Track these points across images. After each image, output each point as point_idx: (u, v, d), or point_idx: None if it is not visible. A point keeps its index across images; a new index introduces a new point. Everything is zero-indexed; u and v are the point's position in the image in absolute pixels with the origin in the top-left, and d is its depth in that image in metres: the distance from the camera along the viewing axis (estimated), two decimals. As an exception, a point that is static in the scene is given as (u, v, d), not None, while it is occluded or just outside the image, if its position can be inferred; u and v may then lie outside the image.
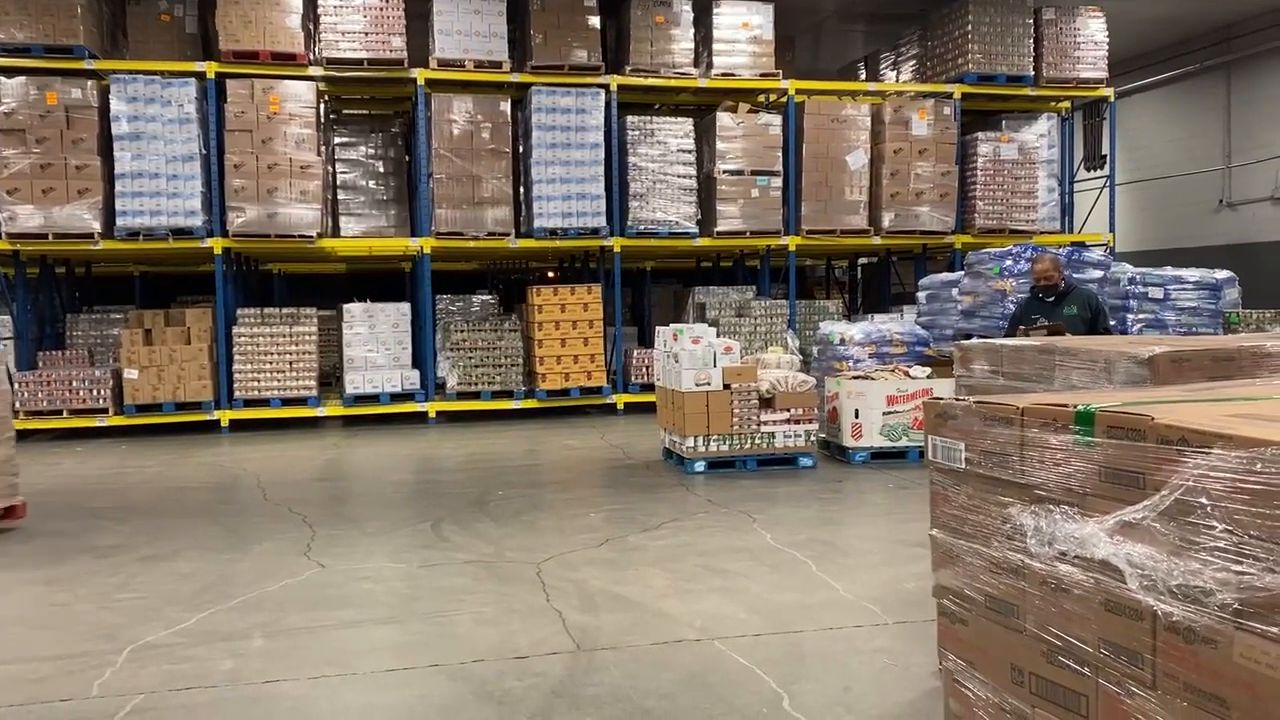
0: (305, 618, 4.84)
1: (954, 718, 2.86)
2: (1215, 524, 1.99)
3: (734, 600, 4.98)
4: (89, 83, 11.47)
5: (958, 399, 2.85)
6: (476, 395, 12.46)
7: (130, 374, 11.47)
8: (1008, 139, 14.14)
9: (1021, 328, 6.96)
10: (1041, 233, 14.16)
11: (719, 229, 12.97)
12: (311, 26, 12.39)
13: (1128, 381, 3.73)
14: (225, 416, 11.77)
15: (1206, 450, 2.03)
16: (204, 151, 11.62)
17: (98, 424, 11.42)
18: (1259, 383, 3.27)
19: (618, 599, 5.05)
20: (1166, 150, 18.54)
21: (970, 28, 13.81)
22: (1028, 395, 3.08)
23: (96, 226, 11.32)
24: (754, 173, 13.05)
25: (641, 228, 12.84)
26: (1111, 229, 14.99)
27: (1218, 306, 9.57)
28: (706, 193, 13.13)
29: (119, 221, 11.34)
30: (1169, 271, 9.95)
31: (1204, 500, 2.02)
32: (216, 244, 11.73)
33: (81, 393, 11.44)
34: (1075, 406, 2.41)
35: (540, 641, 4.43)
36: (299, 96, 11.85)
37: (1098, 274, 9.64)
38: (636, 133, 12.87)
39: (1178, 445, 2.10)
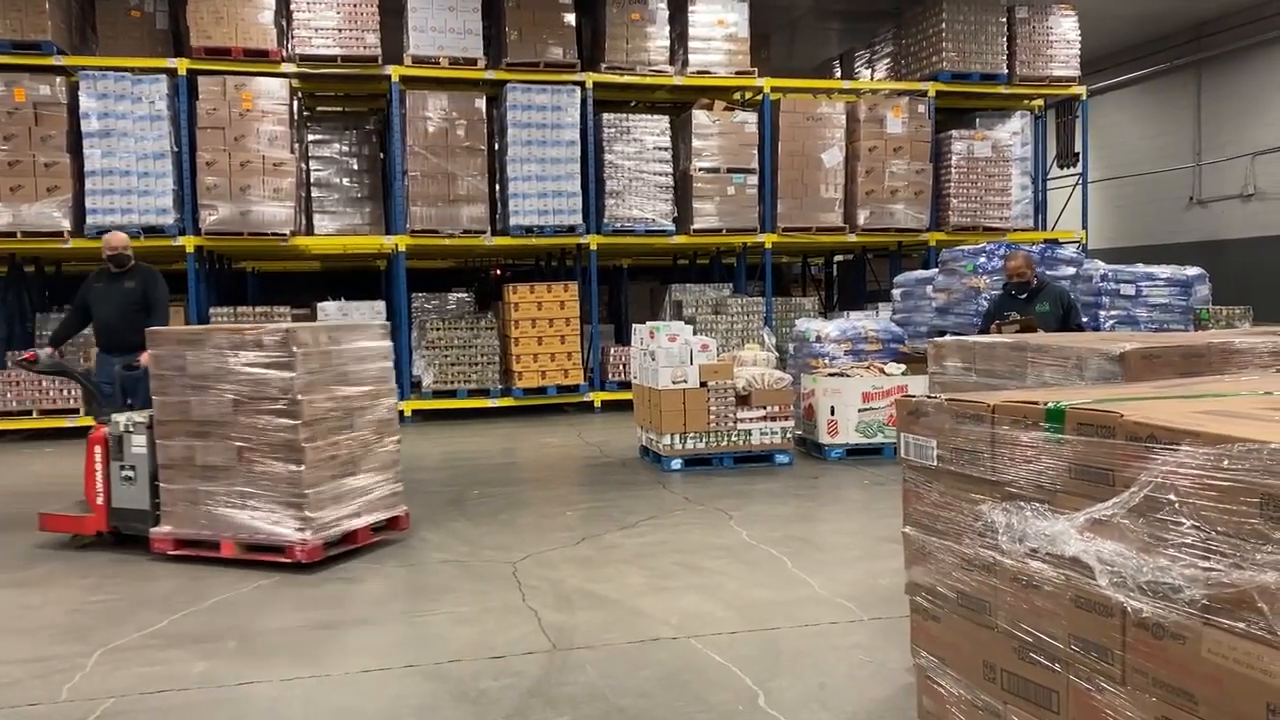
0: (279, 619, 4.81)
1: (927, 715, 2.87)
2: (1183, 520, 2.01)
3: (710, 598, 4.99)
4: (58, 79, 11.33)
5: (930, 396, 2.86)
6: (453, 394, 12.41)
7: (101, 374, 11.34)
8: (981, 137, 14.22)
9: (996, 324, 7.01)
10: (1015, 230, 14.25)
11: (695, 226, 12.98)
12: (284, 23, 12.28)
13: (1099, 378, 3.75)
14: (198, 416, 11.66)
15: (1175, 447, 2.05)
16: (175, 149, 11.51)
17: (68, 424, 11.29)
18: (1227, 379, 3.30)
19: (594, 597, 5.04)
20: (1138, 148, 18.71)
21: (944, 26, 13.87)
22: (999, 392, 3.10)
23: (66, 225, 11.19)
24: (730, 170, 13.06)
25: (618, 225, 12.83)
26: (1084, 226, 15.11)
27: (1188, 303, 9.65)
28: (683, 190, 13.14)
29: (89, 219, 11.21)
30: (1140, 268, 10.03)
31: (1172, 497, 2.04)
32: (188, 242, 11.62)
33: (51, 393, 11.31)
34: (1045, 404, 2.42)
35: (516, 641, 4.42)
36: (272, 93, 11.76)
37: (1070, 271, 9.70)
38: (613, 130, 12.85)
39: (1146, 442, 2.12)
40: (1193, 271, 9.83)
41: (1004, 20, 14.20)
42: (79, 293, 7.62)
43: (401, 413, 12.24)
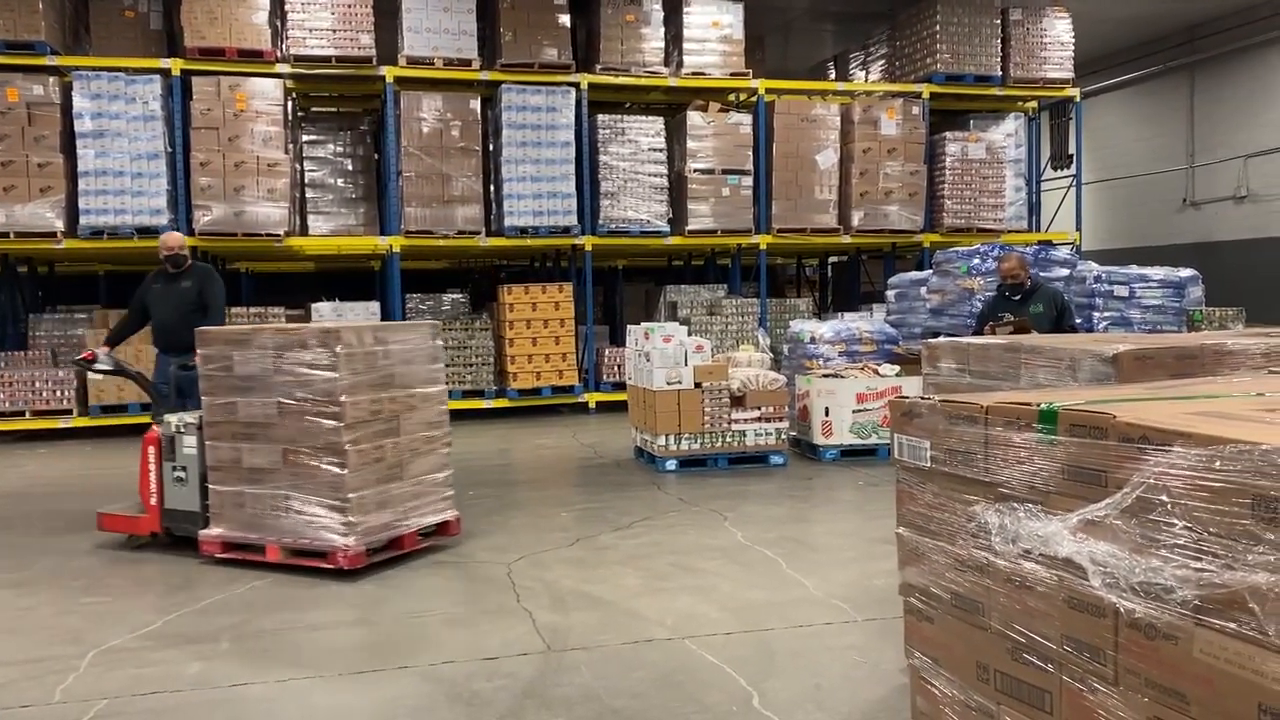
0: (273, 619, 4.80)
1: (921, 715, 2.87)
2: (1175, 521, 2.02)
3: (705, 599, 4.99)
4: (51, 79, 11.31)
5: (924, 397, 2.87)
6: (447, 395, 12.37)
7: (95, 374, 11.30)
8: (975, 138, 14.25)
9: (990, 325, 7.03)
10: (1009, 231, 14.29)
11: (690, 228, 12.98)
12: (279, 23, 12.28)
13: (1092, 379, 3.76)
14: (192, 417, 11.63)
15: (1167, 448, 2.05)
16: (169, 149, 11.49)
17: (61, 425, 11.27)
18: (1220, 380, 3.31)
19: (588, 599, 5.04)
20: (1132, 150, 18.76)
21: (938, 28, 13.90)
22: (993, 393, 3.11)
23: (59, 225, 11.17)
24: (725, 171, 13.07)
25: (613, 226, 12.84)
26: (1078, 228, 15.15)
27: (1182, 305, 9.68)
28: (678, 191, 13.14)
29: (82, 220, 11.19)
30: (1134, 270, 10.06)
31: (1164, 498, 2.04)
32: (183, 243, 11.59)
33: (44, 394, 11.29)
34: (1039, 405, 2.43)
35: (511, 642, 4.42)
36: (266, 94, 11.74)
37: (1064, 272, 9.73)
38: (607, 131, 12.86)
39: (1139, 443, 2.12)
40: (1186, 273, 9.86)
41: (998, 22, 14.24)
42: (137, 293, 7.57)
43: (396, 414, 12.26)
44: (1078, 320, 8.20)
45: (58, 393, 11.31)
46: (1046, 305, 7.23)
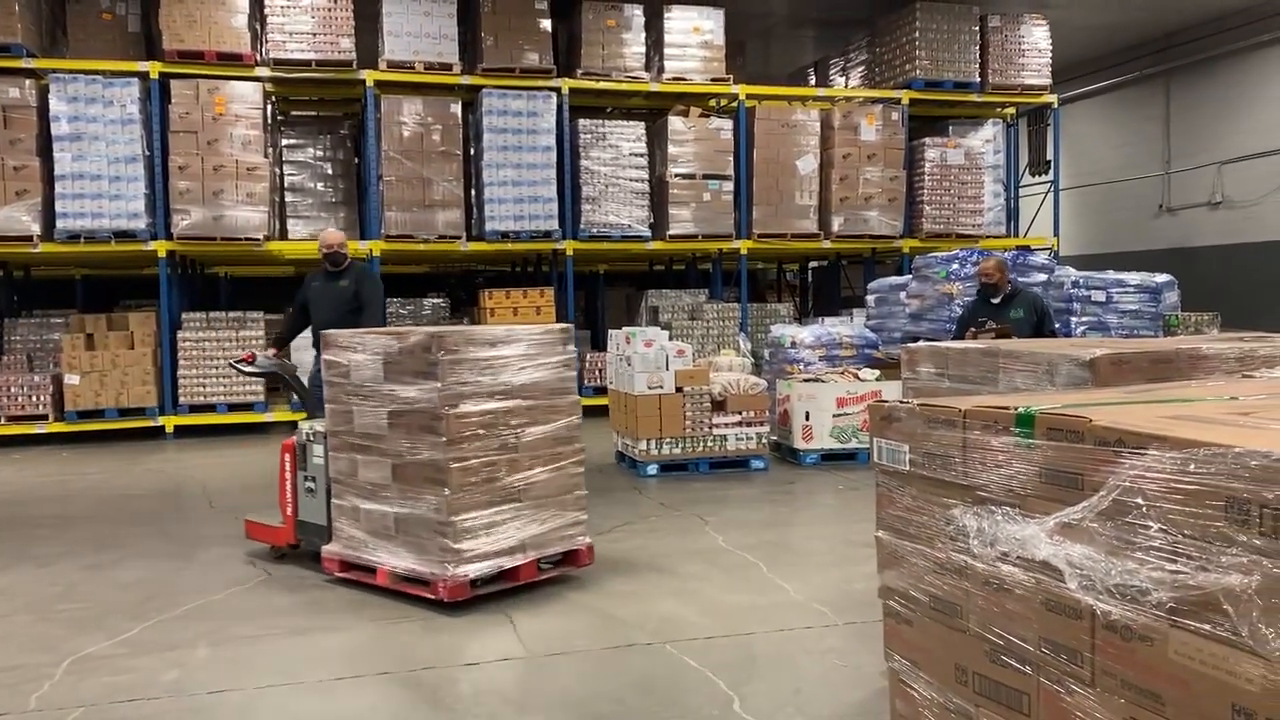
0: (252, 626, 4.77)
1: (900, 718, 2.89)
2: (1151, 524, 2.04)
3: (685, 603, 5.00)
4: (27, 82, 11.21)
5: (903, 401, 2.88)
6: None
7: (71, 379, 11.22)
8: (954, 144, 14.33)
9: (971, 330, 7.07)
10: (987, 237, 14.37)
11: (671, 232, 13.00)
12: (258, 27, 12.22)
13: (1070, 383, 3.79)
14: (170, 422, 11.56)
15: (1142, 451, 2.07)
16: (147, 153, 11.41)
17: (37, 431, 11.15)
18: (1194, 384, 3.35)
19: (569, 603, 5.03)
20: (1109, 156, 18.91)
21: (918, 34, 13.98)
22: (971, 397, 3.13)
23: (36, 229, 11.06)
24: (706, 176, 13.09)
25: (594, 231, 12.84)
26: (1056, 233, 15.26)
27: (1158, 309, 9.78)
28: (659, 196, 13.16)
29: (59, 224, 11.09)
30: (1111, 275, 10.15)
31: (1140, 500, 2.06)
32: (160, 247, 11.52)
33: (20, 399, 11.17)
34: (1016, 408, 2.44)
35: (491, 648, 4.41)
36: (245, 97, 11.68)
37: (1042, 277, 9.81)
38: (589, 136, 12.86)
39: (1115, 446, 2.14)
40: (1162, 278, 9.96)
41: (976, 29, 14.33)
42: (299, 293, 7.39)
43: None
44: (1056, 325, 8.26)
45: (34, 398, 11.20)
46: (1026, 310, 7.26)
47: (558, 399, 5.32)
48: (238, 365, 6.89)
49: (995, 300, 7.36)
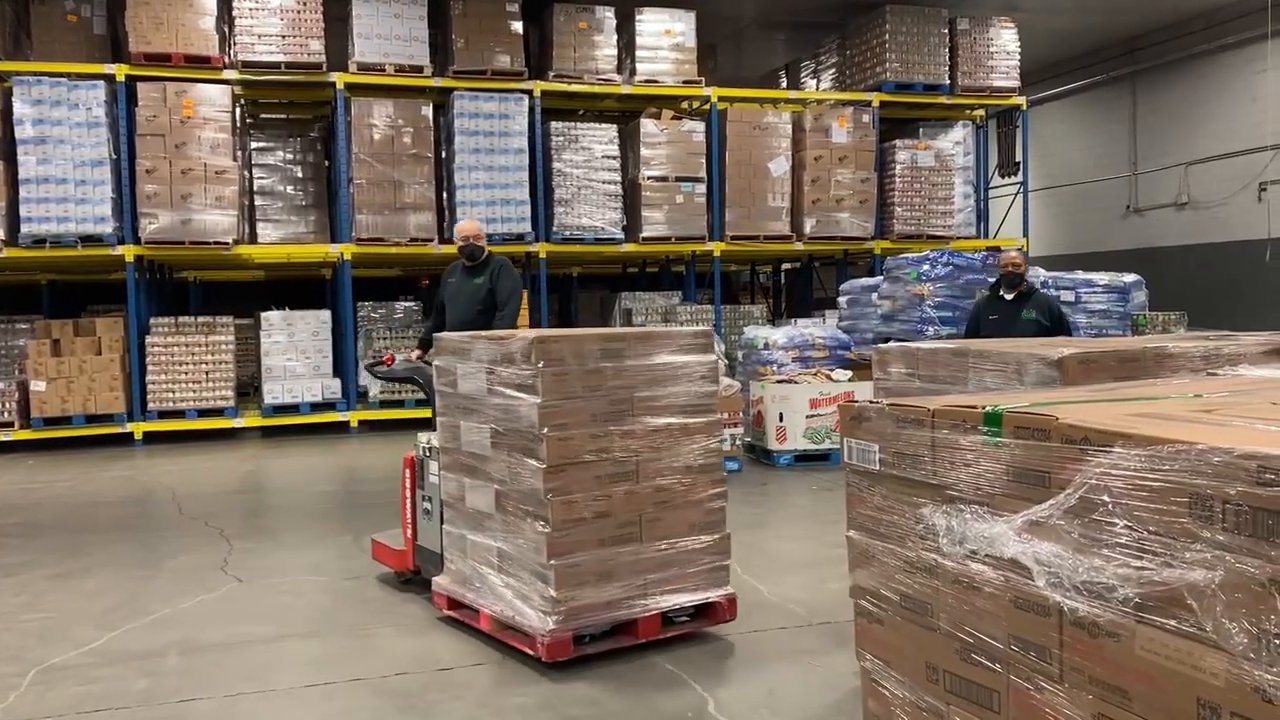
0: (222, 634, 4.72)
1: (873, 717, 2.90)
2: (1116, 521, 2.05)
3: (659, 605, 4.98)
4: (-9, 85, 11.08)
5: (873, 402, 2.89)
6: (400, 403, 12.29)
7: (37, 386, 11.07)
8: (925, 146, 14.43)
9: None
10: (958, 238, 14.48)
11: (644, 234, 13.00)
12: (226, 29, 12.11)
13: (1038, 383, 3.82)
14: (139, 429, 11.43)
15: (1108, 449, 2.09)
16: (114, 156, 11.29)
17: (3, 438, 10.99)
18: (1160, 383, 3.38)
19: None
20: (1077, 158, 19.11)
21: (888, 37, 14.07)
22: (940, 397, 3.14)
23: (0, 233, 10.92)
24: (678, 179, 13.11)
25: (567, 233, 12.82)
26: (1025, 234, 15.40)
27: (1126, 309, 9.88)
28: (631, 198, 13.16)
29: (24, 228, 10.94)
30: (1080, 275, 10.25)
31: (1106, 498, 2.08)
32: (128, 251, 11.39)
33: (-11, 406, 11.02)
34: (984, 408, 2.46)
35: (464, 653, 4.38)
36: (214, 100, 11.58)
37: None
38: (561, 139, 12.85)
39: (1081, 444, 2.16)
40: (1130, 278, 10.07)
41: (945, 32, 14.44)
42: (439, 290, 6.82)
43: (348, 423, 12.15)
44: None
45: (4, 405, 11.03)
46: (1041, 313, 6.85)
47: (692, 418, 4.41)
48: (374, 369, 6.43)
49: (1009, 297, 6.98)
